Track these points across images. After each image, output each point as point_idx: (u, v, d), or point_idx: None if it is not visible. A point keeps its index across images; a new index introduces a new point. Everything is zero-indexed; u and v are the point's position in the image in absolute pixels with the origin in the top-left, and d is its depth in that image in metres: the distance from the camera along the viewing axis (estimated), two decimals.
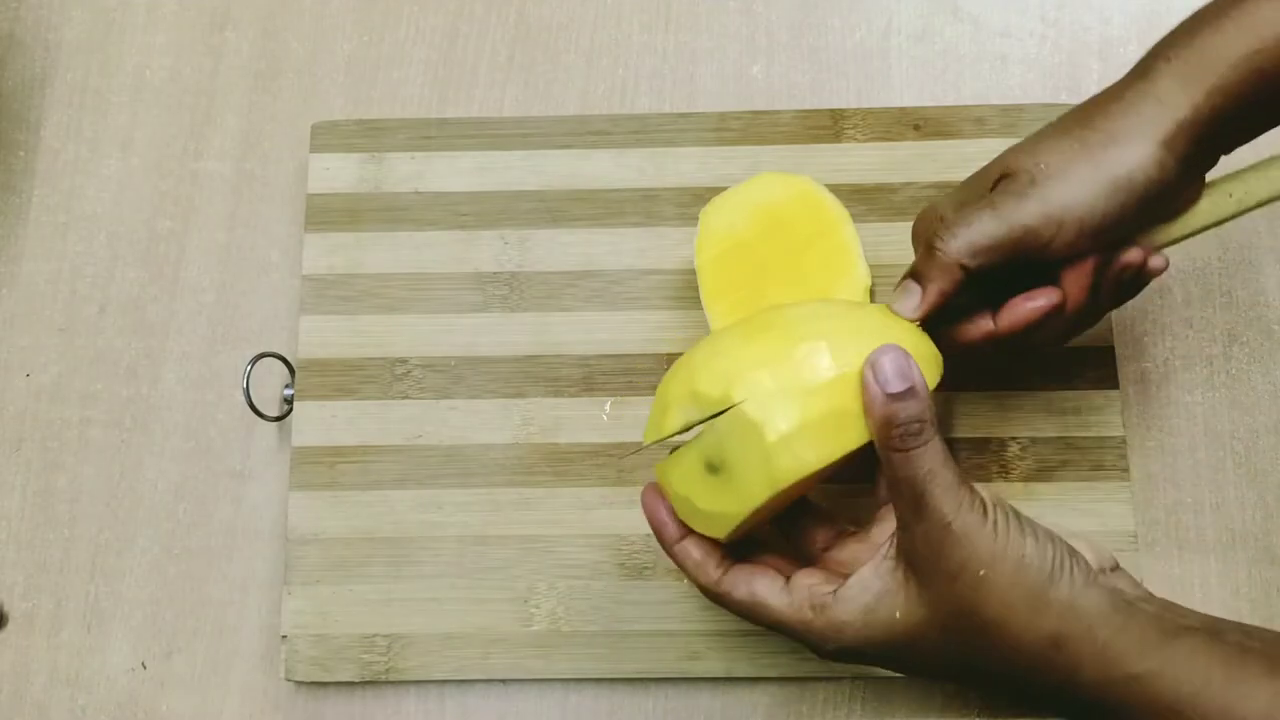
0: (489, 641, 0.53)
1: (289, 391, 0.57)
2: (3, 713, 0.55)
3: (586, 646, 0.53)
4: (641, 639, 0.53)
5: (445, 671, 0.53)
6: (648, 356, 0.56)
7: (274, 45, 0.65)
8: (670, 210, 0.58)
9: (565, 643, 0.53)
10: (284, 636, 0.54)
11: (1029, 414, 0.55)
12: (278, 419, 0.58)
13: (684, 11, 0.64)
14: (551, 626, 0.53)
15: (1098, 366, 0.55)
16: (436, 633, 0.53)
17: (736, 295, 0.53)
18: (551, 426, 0.56)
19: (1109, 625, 0.37)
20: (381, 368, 0.57)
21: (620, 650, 0.53)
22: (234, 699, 0.55)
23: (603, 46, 0.64)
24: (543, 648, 0.53)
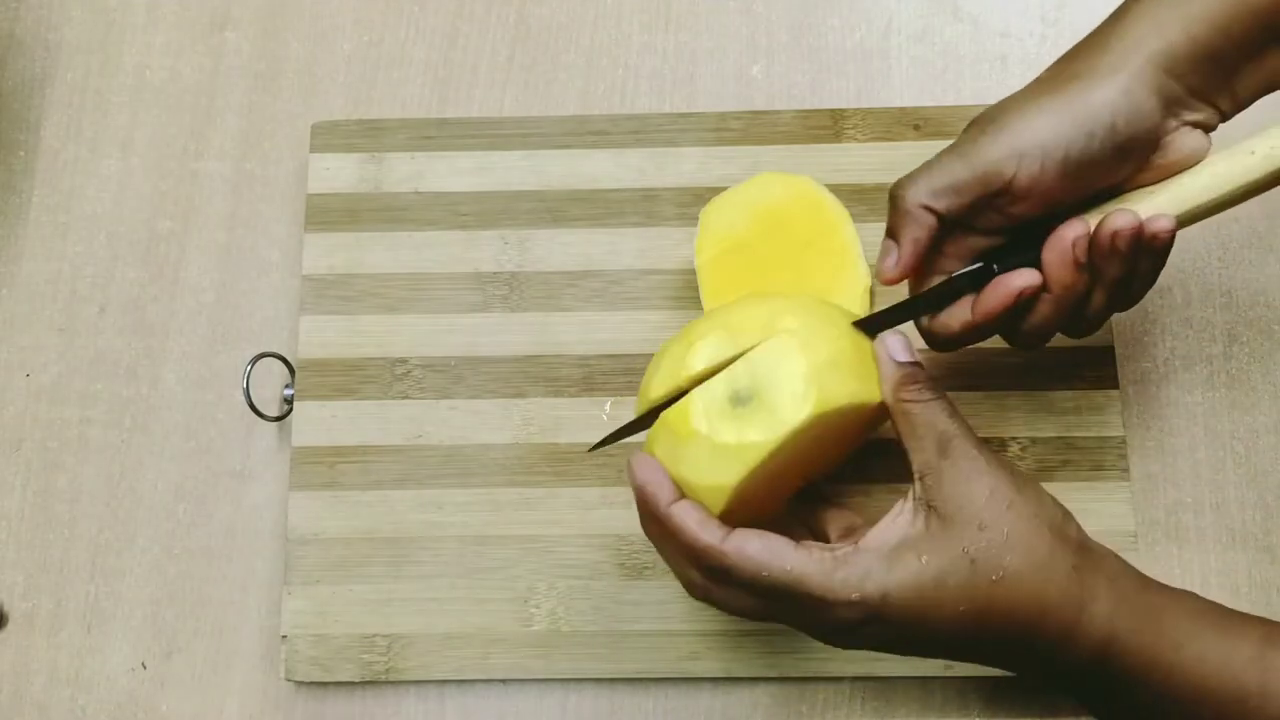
0: (489, 641, 0.53)
1: (289, 391, 0.57)
2: (3, 713, 0.55)
3: (586, 646, 0.53)
4: (641, 639, 0.53)
5: (445, 671, 0.53)
6: (648, 356, 0.56)
7: (274, 45, 0.65)
8: (670, 210, 0.58)
9: (565, 643, 0.53)
10: (284, 636, 0.54)
11: (1029, 414, 0.55)
12: (278, 419, 0.58)
13: (684, 11, 0.64)
14: (551, 626, 0.53)
15: (1098, 366, 0.55)
16: (436, 633, 0.53)
17: (736, 295, 0.53)
18: (551, 426, 0.56)
19: (1115, 561, 0.41)
20: (381, 368, 0.57)
21: (620, 650, 0.53)
22: (234, 699, 0.55)
23: (603, 46, 0.64)
24: (543, 648, 0.53)
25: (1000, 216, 0.43)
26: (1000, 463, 0.40)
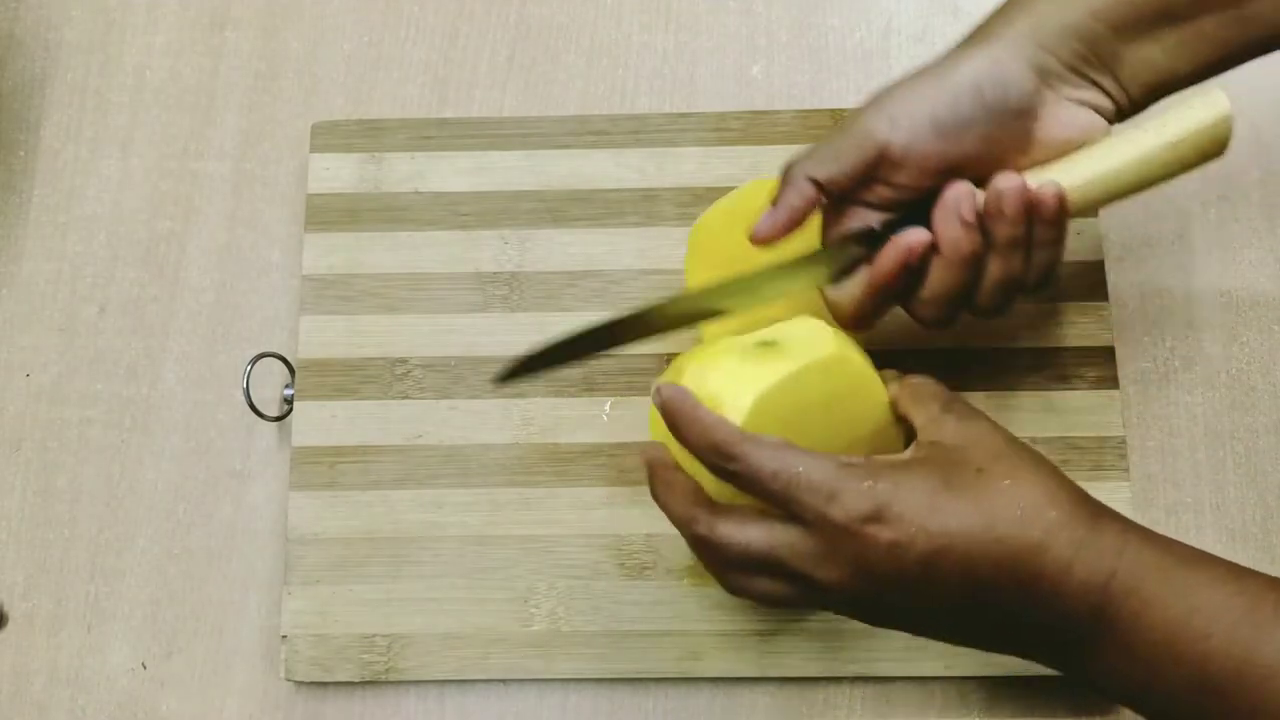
0: (489, 641, 0.53)
1: (289, 391, 0.57)
2: (3, 713, 0.55)
3: (586, 646, 0.53)
4: (641, 639, 0.53)
5: (445, 671, 0.53)
6: (648, 356, 0.56)
7: (274, 45, 0.65)
8: (670, 210, 0.58)
9: (565, 643, 0.53)
10: (284, 636, 0.54)
11: (1029, 414, 0.55)
12: (278, 419, 0.58)
13: (684, 11, 0.64)
14: (551, 626, 0.53)
15: (1098, 366, 0.55)
16: (436, 633, 0.54)
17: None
18: (551, 426, 0.56)
19: (1126, 521, 0.41)
20: (381, 368, 0.57)
21: (620, 650, 0.53)
22: (234, 699, 0.55)
23: (603, 46, 0.64)
24: (543, 648, 0.53)
25: (888, 189, 0.45)
26: (995, 423, 0.43)
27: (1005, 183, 0.43)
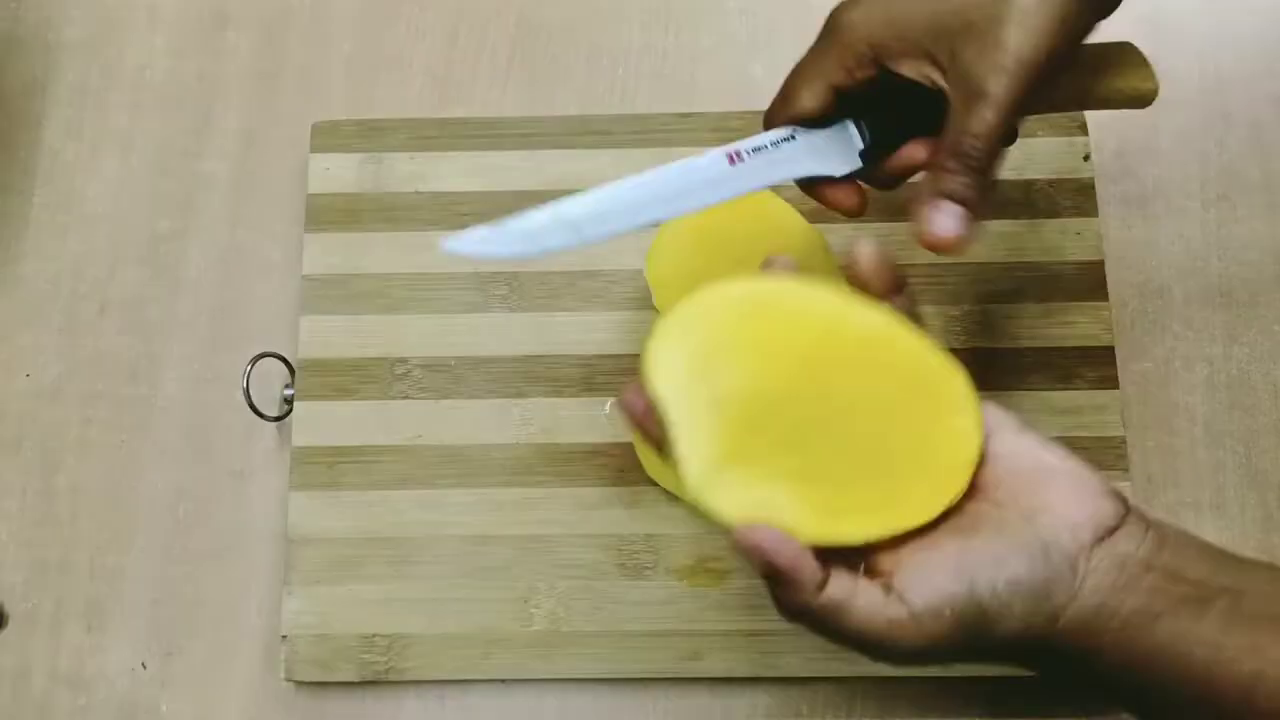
0: (489, 641, 0.53)
1: (289, 391, 0.57)
2: (3, 713, 0.55)
3: (586, 646, 0.53)
4: (641, 639, 0.53)
5: (445, 671, 0.53)
6: None
7: (274, 45, 0.65)
8: None
9: (565, 643, 0.53)
10: (284, 636, 0.54)
11: (1029, 414, 0.55)
12: (278, 419, 0.58)
13: (684, 11, 0.64)
14: (551, 627, 0.53)
15: (1098, 366, 0.55)
16: (436, 633, 0.54)
17: None
18: (551, 426, 0.56)
19: (1088, 634, 0.36)
20: (381, 368, 0.57)
21: (620, 650, 0.53)
22: (234, 699, 0.55)
23: (603, 46, 0.64)
24: (543, 648, 0.53)
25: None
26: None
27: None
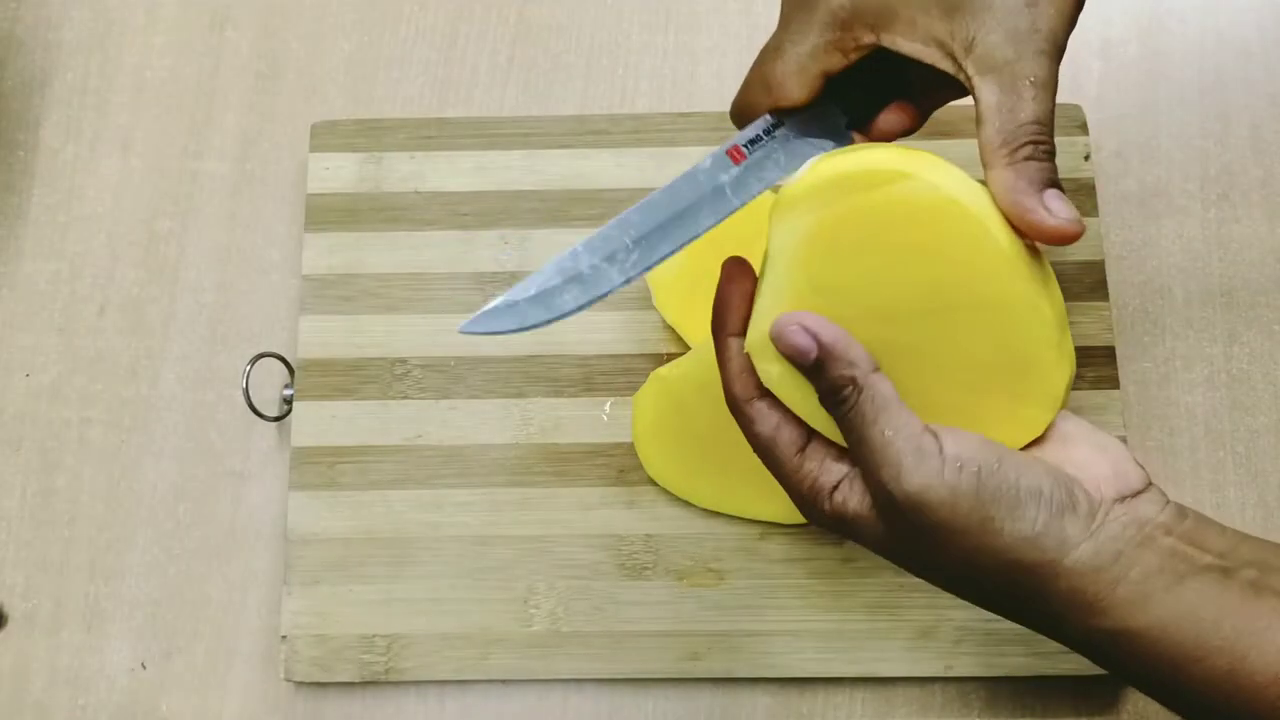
0: (489, 641, 0.53)
1: (289, 391, 0.57)
2: (3, 713, 0.55)
3: (586, 647, 0.53)
4: (641, 639, 0.53)
5: (445, 672, 0.53)
6: (648, 356, 0.56)
7: (274, 45, 0.65)
8: None
9: (565, 643, 0.53)
10: (284, 636, 0.54)
11: None
12: (277, 419, 0.58)
13: (684, 11, 0.64)
14: (551, 627, 0.53)
15: (1098, 366, 0.55)
16: (436, 633, 0.54)
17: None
18: (551, 426, 0.56)
19: (1098, 581, 0.35)
20: (381, 368, 0.57)
21: (620, 650, 0.53)
22: (234, 699, 0.55)
23: (603, 46, 0.64)
24: (543, 648, 0.53)
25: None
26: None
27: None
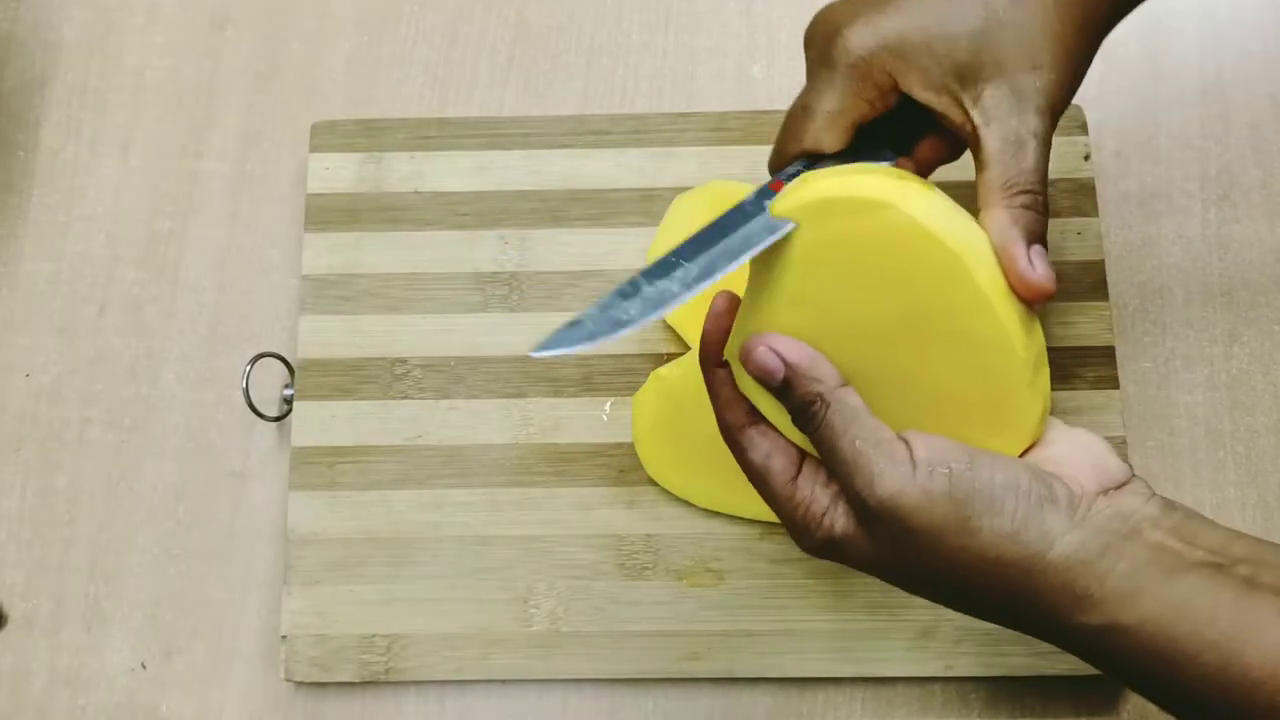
0: (489, 642, 0.53)
1: (289, 391, 0.57)
2: (3, 713, 0.55)
3: (586, 647, 0.53)
4: (641, 639, 0.53)
5: (445, 672, 0.53)
6: (648, 356, 0.56)
7: (274, 45, 0.65)
8: None
9: (565, 643, 0.53)
10: (284, 637, 0.54)
11: None
12: (277, 419, 0.58)
13: (684, 11, 0.64)
14: (551, 627, 0.53)
15: (1098, 366, 0.55)
16: (436, 633, 0.53)
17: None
18: (551, 426, 0.56)
19: (1085, 575, 0.34)
20: (381, 368, 0.57)
21: (620, 650, 0.53)
22: (234, 699, 0.55)
23: (603, 46, 0.64)
24: (542, 648, 0.53)
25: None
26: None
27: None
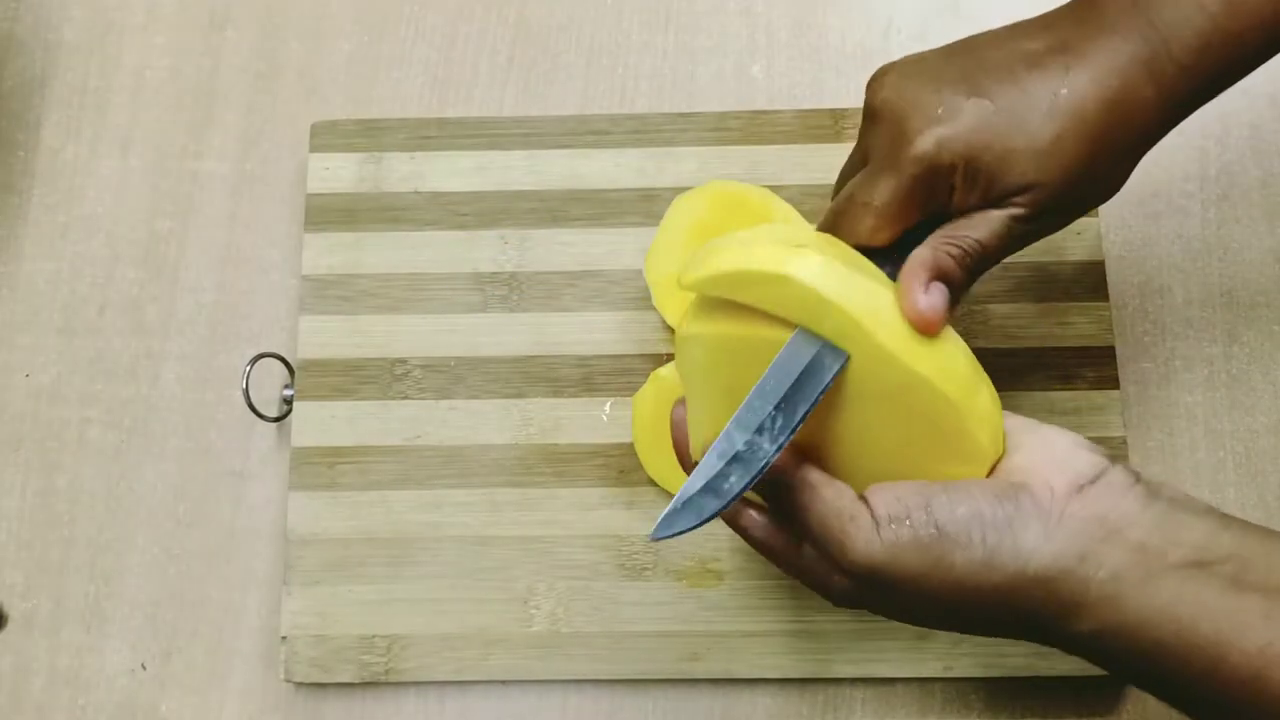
0: (489, 642, 0.53)
1: (289, 392, 0.57)
2: (3, 713, 0.55)
3: (586, 647, 0.53)
4: (641, 639, 0.53)
5: (445, 672, 0.53)
6: (648, 357, 0.56)
7: (274, 45, 0.65)
8: None
9: (565, 643, 0.53)
10: (284, 637, 0.54)
11: (1029, 414, 0.54)
12: (277, 419, 0.58)
13: (684, 11, 0.64)
14: (551, 627, 0.53)
15: (1098, 366, 0.55)
16: (436, 633, 0.53)
17: None
18: (551, 426, 0.56)
19: (1069, 584, 0.34)
20: (381, 368, 0.57)
21: (620, 651, 0.53)
22: (234, 699, 0.55)
23: (603, 46, 0.64)
24: (542, 648, 0.53)
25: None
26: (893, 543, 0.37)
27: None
